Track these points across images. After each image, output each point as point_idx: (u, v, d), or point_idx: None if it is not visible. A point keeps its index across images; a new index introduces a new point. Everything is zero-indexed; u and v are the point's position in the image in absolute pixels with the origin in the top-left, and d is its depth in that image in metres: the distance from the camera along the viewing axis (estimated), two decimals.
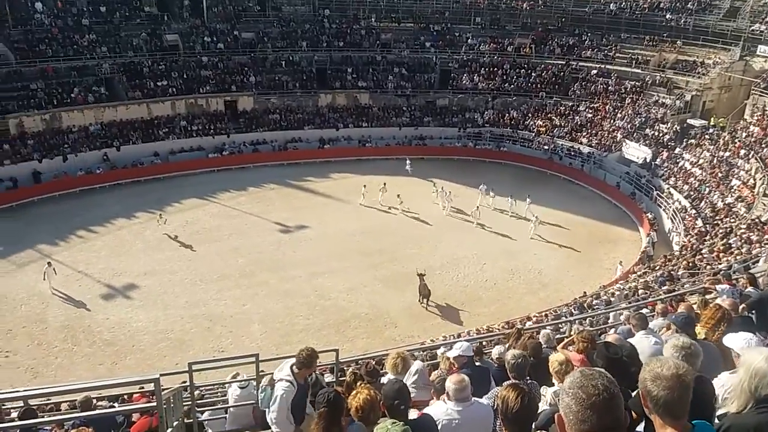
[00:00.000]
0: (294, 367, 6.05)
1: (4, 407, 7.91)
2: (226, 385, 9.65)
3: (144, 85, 38.13)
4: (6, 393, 9.18)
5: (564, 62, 41.97)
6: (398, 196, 31.39)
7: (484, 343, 10.71)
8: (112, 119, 36.47)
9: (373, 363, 11.61)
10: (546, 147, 38.22)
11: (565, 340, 7.87)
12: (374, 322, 22.20)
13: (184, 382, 8.71)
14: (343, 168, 37.44)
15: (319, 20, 45.47)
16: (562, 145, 37.83)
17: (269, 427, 8.39)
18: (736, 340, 4.58)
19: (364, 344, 20.33)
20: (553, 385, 5.60)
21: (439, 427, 4.45)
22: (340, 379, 8.95)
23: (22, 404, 9.28)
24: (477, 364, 7.17)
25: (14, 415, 8.80)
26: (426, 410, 4.85)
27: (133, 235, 28.51)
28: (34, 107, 34.29)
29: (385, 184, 32.16)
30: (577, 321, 12.06)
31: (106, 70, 37.36)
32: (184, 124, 38.15)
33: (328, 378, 10.12)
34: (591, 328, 11.62)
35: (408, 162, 36.47)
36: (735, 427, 2.72)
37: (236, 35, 42.69)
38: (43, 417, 9.65)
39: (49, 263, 23.59)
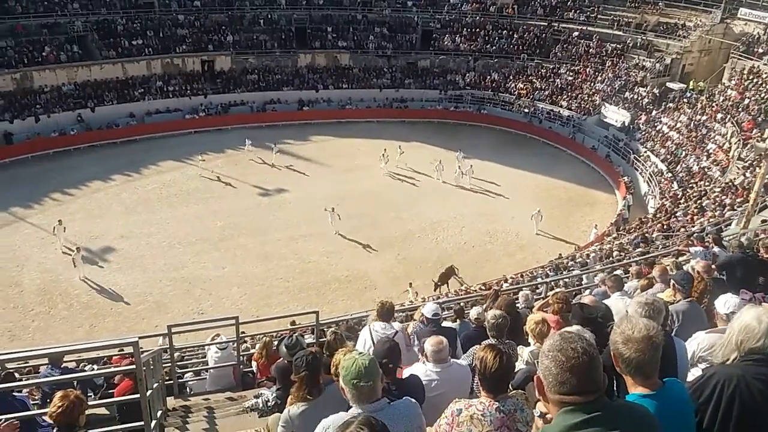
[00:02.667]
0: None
1: None
2: (206, 347, 9.70)
3: (118, 44, 37.04)
4: None
5: (546, 24, 41.59)
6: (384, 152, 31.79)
7: (462, 304, 10.86)
8: (86, 79, 35.47)
9: (353, 322, 11.77)
10: (526, 110, 38.17)
11: (541, 302, 8.01)
12: (354, 284, 22.36)
13: (161, 345, 8.74)
14: (322, 131, 37.08)
15: None
16: (542, 108, 37.80)
17: (250, 387, 8.52)
18: (718, 301, 4.78)
19: (344, 306, 20.49)
20: (529, 344, 5.72)
21: None
22: (320, 340, 9.04)
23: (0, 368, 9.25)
24: (444, 325, 7.25)
25: None
26: (406, 370, 4.92)
27: (109, 198, 28.11)
28: (4, 66, 33.18)
29: (400, 146, 32.57)
30: (552, 282, 12.25)
31: (78, 27, 36.14)
32: (160, 84, 37.27)
33: (309, 339, 10.22)
34: (566, 290, 11.85)
35: (248, 142, 33.38)
36: (719, 374, 2.84)
37: None
38: (21, 380, 9.65)
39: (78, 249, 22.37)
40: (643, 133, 32.59)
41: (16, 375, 9.94)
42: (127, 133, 34.55)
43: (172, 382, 8.54)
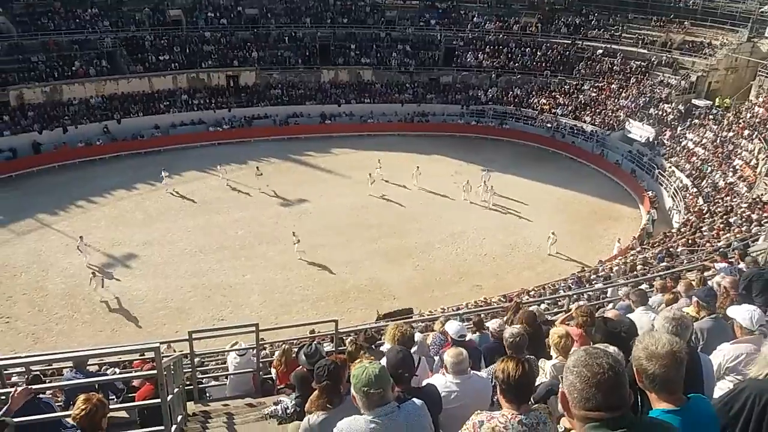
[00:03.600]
0: None
1: (5, 372, 8.01)
2: (226, 353, 9.75)
3: (146, 59, 37.90)
4: (8, 359, 9.30)
5: (570, 42, 41.54)
6: (417, 167, 31.57)
7: (482, 315, 10.77)
8: (113, 92, 36.30)
9: (372, 331, 11.75)
10: (549, 125, 38.04)
11: (564, 315, 7.90)
12: (373, 293, 22.32)
13: (182, 351, 8.81)
14: (344, 143, 37.30)
15: None
16: (565, 123, 37.65)
17: (269, 394, 8.53)
18: (739, 312, 4.71)
19: (363, 315, 20.46)
20: (551, 358, 5.64)
21: None
22: (340, 348, 9.03)
23: (24, 370, 9.40)
24: (469, 338, 7.15)
25: (15, 379, 8.90)
26: (425, 381, 4.89)
27: (133, 206, 28.54)
28: (35, 79, 34.15)
29: (418, 167, 31.80)
30: (575, 296, 12.11)
31: (108, 44, 37.10)
32: (186, 98, 37.95)
33: (328, 347, 10.22)
34: (589, 303, 11.69)
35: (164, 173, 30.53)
36: (750, 388, 2.79)
37: (240, 11, 42.24)
38: (45, 382, 9.80)
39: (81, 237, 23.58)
40: (668, 148, 32.27)
41: (41, 377, 10.13)
42: (151, 144, 35.15)
43: (192, 387, 8.58)
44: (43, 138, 32.78)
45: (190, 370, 8.64)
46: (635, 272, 16.25)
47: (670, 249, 18.96)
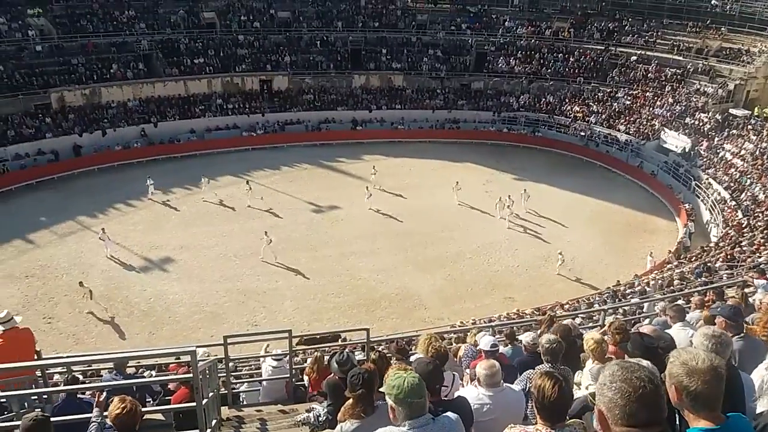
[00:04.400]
0: None
1: (47, 371, 8.29)
2: (261, 359, 9.88)
3: (181, 62, 38.61)
4: (51, 359, 9.61)
5: (603, 47, 41.04)
6: (457, 182, 30.89)
7: (515, 328, 10.74)
8: (150, 95, 37.09)
9: (403, 342, 11.78)
10: (582, 133, 37.61)
11: (598, 330, 7.82)
12: (404, 303, 22.33)
13: (216, 354, 8.97)
14: (375, 149, 37.43)
15: (356, 0, 45.18)
16: (599, 131, 37.17)
17: (302, 401, 8.64)
18: None
19: (394, 324, 20.49)
20: (582, 368, 5.60)
21: None
22: (371, 358, 9.08)
23: (65, 370, 9.71)
24: (501, 350, 7.12)
25: (57, 378, 9.21)
26: (457, 393, 4.91)
27: (169, 210, 29.08)
28: (75, 82, 35.07)
29: (457, 182, 30.90)
30: (610, 310, 11.95)
31: (144, 46, 37.92)
32: (220, 102, 38.57)
33: (359, 356, 10.29)
34: (624, 318, 11.53)
35: (149, 182, 30.20)
36: None
37: (272, 14, 42.76)
38: (84, 383, 10.09)
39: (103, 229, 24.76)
40: (705, 159, 31.57)
41: (80, 378, 10.44)
42: (187, 148, 35.81)
43: (226, 392, 8.74)
44: (84, 141, 33.68)
45: (225, 374, 8.81)
46: (672, 287, 15.95)
47: (708, 264, 18.56)
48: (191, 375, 5.62)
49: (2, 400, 6.57)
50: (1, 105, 32.24)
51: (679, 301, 10.11)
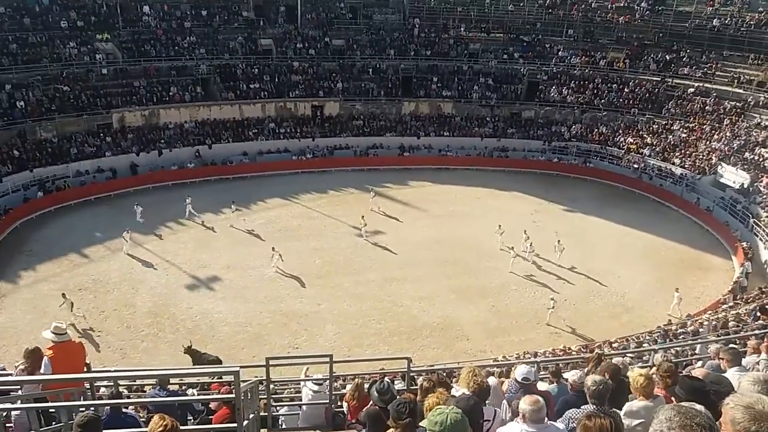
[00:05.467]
0: None
1: (95, 384, 8.50)
2: (301, 383, 9.87)
3: (237, 86, 39.79)
4: (99, 372, 9.86)
5: (659, 79, 40.24)
6: (500, 226, 28.75)
7: (560, 365, 10.42)
8: (206, 118, 38.30)
9: (444, 374, 11.59)
10: (636, 165, 36.76)
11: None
12: (446, 333, 22.05)
13: (257, 376, 9.01)
14: (421, 176, 37.52)
15: (409, 29, 45.83)
16: (653, 164, 36.26)
17: (340, 428, 8.57)
18: None
19: (435, 354, 20.25)
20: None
21: None
22: (411, 387, 8.96)
23: (111, 384, 9.95)
24: (545, 388, 6.93)
25: (102, 391, 9.42)
26: (499, 430, 4.79)
27: (219, 230, 29.73)
28: (136, 103, 36.59)
29: (500, 226, 28.73)
30: (660, 350, 11.48)
31: (203, 71, 39.30)
32: (273, 126, 39.49)
33: (399, 385, 10.16)
34: (675, 359, 11.06)
35: (188, 200, 30.78)
36: None
37: (327, 42, 43.75)
38: (129, 398, 10.31)
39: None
40: (765, 196, 30.27)
41: (124, 392, 10.67)
42: (239, 170, 36.67)
43: (266, 414, 8.75)
44: (140, 160, 34.97)
45: (265, 396, 8.83)
46: (727, 329, 15.25)
47: (766, 306, 17.69)
48: (234, 395, 5.64)
49: (52, 410, 6.74)
50: (67, 124, 33.91)
51: (734, 344, 9.63)
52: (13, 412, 6.65)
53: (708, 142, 35.50)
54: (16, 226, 28.37)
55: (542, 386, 7.66)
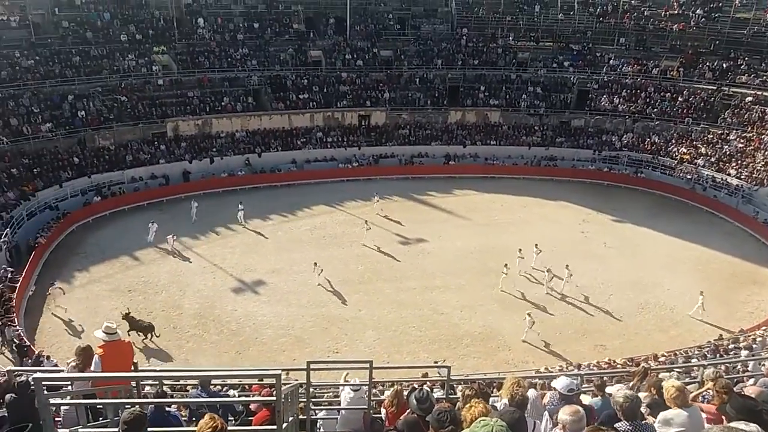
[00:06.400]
0: None
1: (141, 383, 8.79)
2: (340, 387, 9.93)
3: (287, 97, 40.57)
4: (144, 371, 10.20)
5: (715, 87, 38.95)
6: (536, 244, 27.37)
7: (605, 378, 10.17)
8: (257, 127, 39.19)
9: (484, 384, 11.48)
10: (689, 176, 35.62)
11: (698, 390, 7.33)
12: (487, 342, 21.84)
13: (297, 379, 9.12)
14: (466, 185, 37.34)
15: (457, 39, 45.79)
16: (707, 175, 35.07)
17: None
18: None
19: (475, 364, 20.08)
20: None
21: None
22: (450, 396, 8.92)
23: (156, 383, 10.26)
24: (589, 402, 6.79)
25: (147, 390, 9.72)
26: None
27: (266, 235, 30.27)
28: (190, 113, 37.78)
29: (537, 245, 27.34)
30: (710, 366, 11.09)
31: (254, 81, 40.25)
32: (320, 135, 40.08)
33: (438, 393, 10.12)
34: (726, 376, 10.64)
35: (194, 205, 31.57)
36: None
37: (375, 53, 44.16)
38: (173, 397, 10.60)
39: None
40: None
41: (168, 391, 10.97)
42: (287, 177, 37.34)
43: (305, 417, 8.84)
44: (193, 167, 36.06)
45: (305, 400, 8.93)
46: None
47: None
48: (275, 398, 5.73)
49: (99, 406, 7.02)
50: (124, 132, 35.31)
51: None
52: (63, 407, 6.97)
53: (766, 153, 34.12)
54: (73, 228, 29.62)
55: (585, 399, 7.52)
